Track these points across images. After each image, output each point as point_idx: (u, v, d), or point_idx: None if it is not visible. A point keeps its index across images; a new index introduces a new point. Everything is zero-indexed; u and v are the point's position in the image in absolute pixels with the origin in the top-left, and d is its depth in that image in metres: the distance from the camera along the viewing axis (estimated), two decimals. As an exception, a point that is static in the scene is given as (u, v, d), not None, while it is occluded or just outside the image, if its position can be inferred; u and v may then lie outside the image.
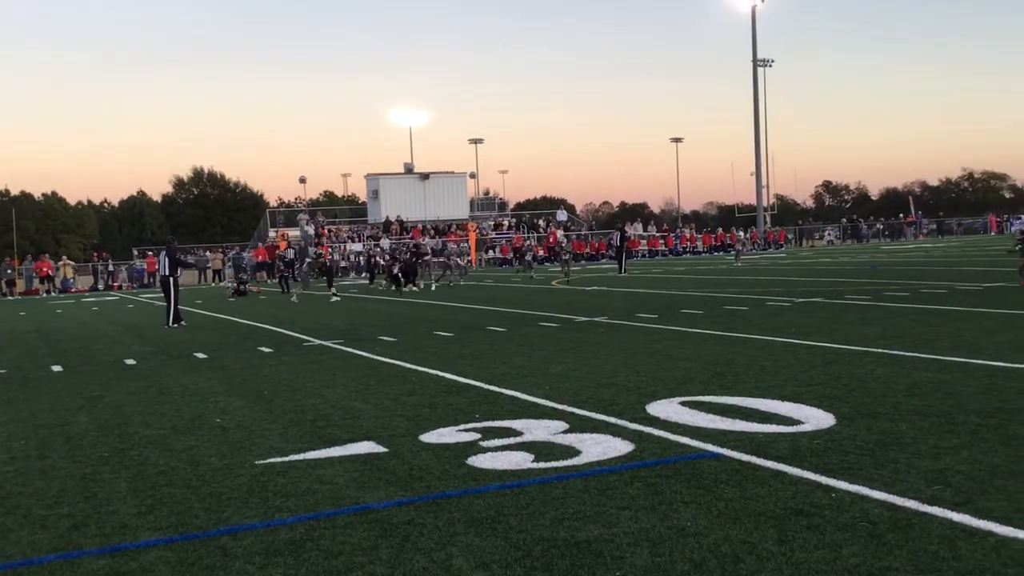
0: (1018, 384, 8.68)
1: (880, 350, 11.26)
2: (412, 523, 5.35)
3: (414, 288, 29.59)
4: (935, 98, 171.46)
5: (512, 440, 7.29)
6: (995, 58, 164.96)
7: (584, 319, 17.29)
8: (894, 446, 6.54)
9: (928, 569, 4.25)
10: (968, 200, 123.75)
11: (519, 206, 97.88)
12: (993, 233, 72.48)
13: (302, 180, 67.91)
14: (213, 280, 49.18)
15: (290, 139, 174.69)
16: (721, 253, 58.13)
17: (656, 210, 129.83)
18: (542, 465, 6.47)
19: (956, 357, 10.37)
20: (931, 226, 75.67)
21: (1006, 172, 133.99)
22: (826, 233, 74.18)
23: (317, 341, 15.77)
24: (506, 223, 63.42)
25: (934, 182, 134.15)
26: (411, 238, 44.33)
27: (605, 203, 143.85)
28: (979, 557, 4.35)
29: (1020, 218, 66.06)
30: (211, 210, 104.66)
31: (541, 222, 63.50)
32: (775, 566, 4.39)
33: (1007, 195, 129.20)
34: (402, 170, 62.88)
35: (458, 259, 35.75)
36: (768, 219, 71.49)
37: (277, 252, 44.41)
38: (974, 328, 13.24)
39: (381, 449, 7.26)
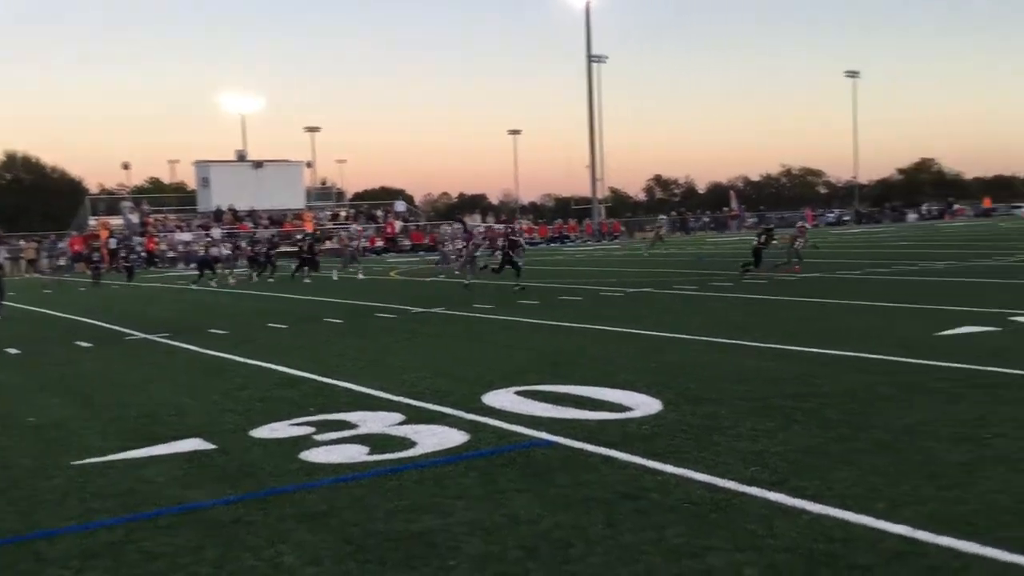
0: (831, 369, 9.23)
1: (705, 338, 11.75)
2: (240, 521, 5.19)
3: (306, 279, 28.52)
4: (758, 97, 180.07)
5: (347, 433, 7.18)
6: (813, 61, 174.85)
7: (421, 310, 17.25)
8: (716, 430, 6.83)
9: (746, 547, 4.45)
10: (787, 195, 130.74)
11: (358, 196, 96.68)
12: (809, 226, 76.82)
13: (125, 166, 64.98)
14: (27, 271, 46.25)
15: (112, 123, 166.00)
16: (558, 244, 59.19)
17: (495, 201, 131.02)
18: (377, 457, 6.40)
19: (775, 344, 10.94)
20: (753, 219, 79.50)
21: (822, 169, 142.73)
22: (657, 224, 76.76)
23: (141, 335, 15.08)
24: (344, 213, 62.50)
25: (756, 177, 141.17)
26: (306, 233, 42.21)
27: (444, 194, 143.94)
28: (794, 534, 4.60)
29: (834, 211, 70.22)
30: (26, 197, 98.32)
31: (380, 212, 62.96)
32: (604, 549, 4.50)
33: (822, 190, 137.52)
34: (234, 157, 60.90)
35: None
36: (603, 211, 73.33)
37: (94, 243, 42.12)
38: (791, 317, 14.01)
39: (209, 446, 7.01)
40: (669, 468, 5.85)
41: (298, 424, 7.60)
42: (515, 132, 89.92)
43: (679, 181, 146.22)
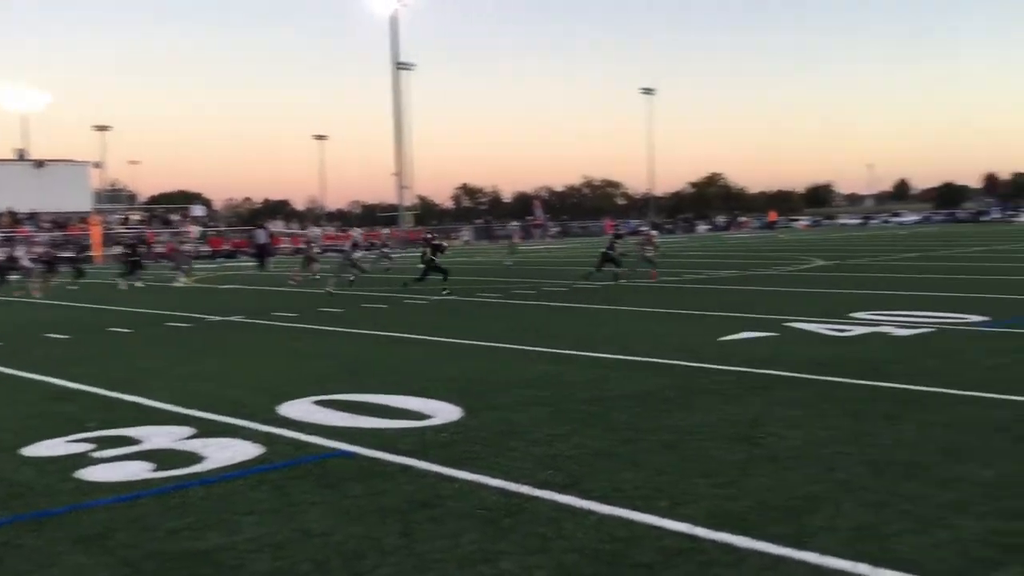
0: (619, 374, 9.60)
1: (506, 344, 11.94)
2: (8, 544, 4.82)
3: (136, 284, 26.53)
4: (561, 110, 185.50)
5: (130, 449, 6.81)
6: (613, 77, 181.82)
7: (218, 318, 16.63)
8: (513, 435, 6.94)
9: (537, 550, 4.54)
10: (588, 205, 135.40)
11: (153, 199, 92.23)
12: (609, 235, 79.82)
13: None
14: None
15: None
16: (364, 252, 58.56)
17: (300, 207, 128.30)
18: (162, 475, 6.10)
19: (570, 350, 11.25)
20: (556, 228, 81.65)
21: (620, 181, 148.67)
22: (462, 233, 77.47)
23: (-100, 347, 13.75)
24: (136, 217, 59.43)
25: (559, 188, 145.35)
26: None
27: (247, 199, 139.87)
28: (580, 535, 4.73)
29: (629, 223, 73.08)
30: None
31: (176, 217, 60.29)
32: (397, 559, 4.48)
33: (621, 201, 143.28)
34: (12, 156, 56.71)
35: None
36: (411, 219, 73.26)
37: None
38: (586, 323, 14.48)
39: (-27, 467, 6.47)
40: (465, 475, 5.89)
41: (76, 441, 7.13)
42: (321, 137, 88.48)
43: (485, 190, 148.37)
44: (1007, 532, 4.59)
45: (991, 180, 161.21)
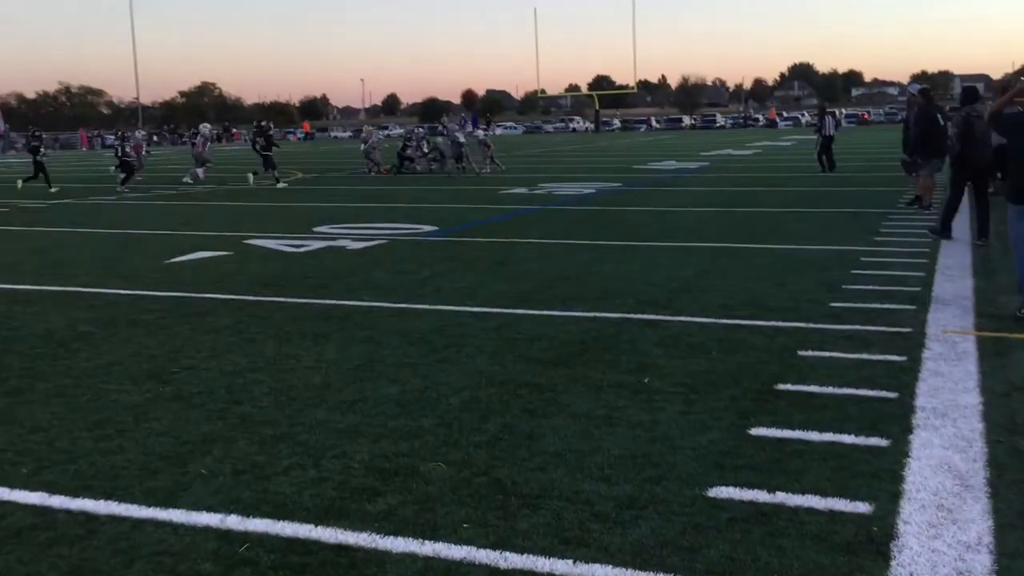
0: (29, 310, 8.37)
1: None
2: None
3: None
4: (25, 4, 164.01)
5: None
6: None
7: None
8: None
9: None
10: (67, 115, 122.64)
11: None
12: (85, 149, 73.05)
13: None
14: None
15: None
16: None
17: None
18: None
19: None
20: (21, 141, 72.70)
21: (103, 88, 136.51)
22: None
23: None
24: None
25: (31, 95, 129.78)
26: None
27: None
28: None
29: (108, 137, 67.35)
30: None
31: None
32: None
33: (105, 111, 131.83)
34: None
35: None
36: None
37: None
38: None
39: None
40: None
41: None
42: None
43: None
44: (392, 455, 4.49)
45: (468, 95, 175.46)
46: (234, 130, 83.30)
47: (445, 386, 5.65)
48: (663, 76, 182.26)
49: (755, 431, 4.72)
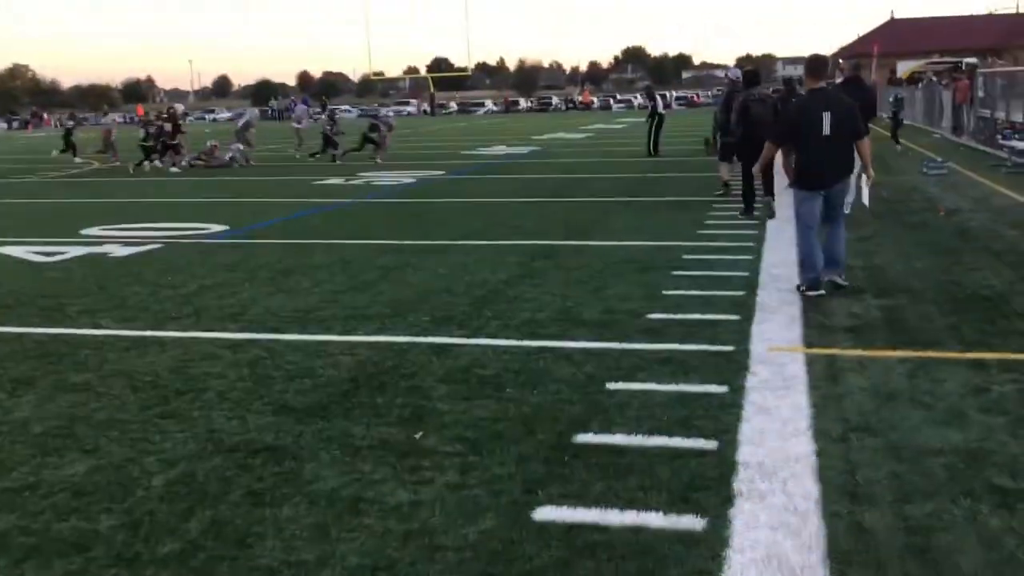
0: None
1: None
2: None
3: None
4: None
5: None
6: None
7: None
8: None
9: None
10: None
11: None
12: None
13: None
14: None
15: None
16: None
17: None
18: None
19: None
20: None
21: None
22: None
23: None
24: None
25: None
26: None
27: None
28: None
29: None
30: None
31: None
32: None
33: None
34: None
35: None
36: None
37: None
38: None
39: None
40: None
41: None
42: None
43: None
44: (34, 587, 3.20)
45: (304, 77, 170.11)
46: (44, 115, 77.37)
47: (154, 458, 4.35)
48: (501, 59, 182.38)
49: (540, 513, 3.66)
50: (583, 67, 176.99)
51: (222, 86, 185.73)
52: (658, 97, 22.60)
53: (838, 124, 7.26)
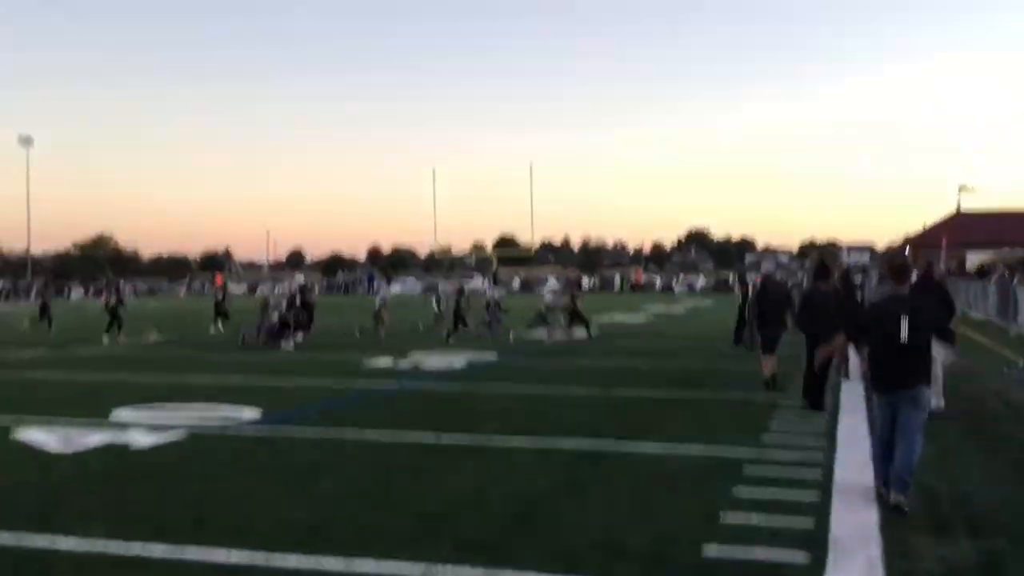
0: None
1: None
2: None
3: None
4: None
5: None
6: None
7: None
8: None
9: None
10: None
11: None
12: None
13: None
14: None
15: None
16: None
17: None
18: None
19: None
20: None
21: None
22: None
23: None
24: None
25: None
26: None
27: None
28: None
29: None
30: None
31: None
32: None
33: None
34: None
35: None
36: None
37: None
38: None
39: None
40: None
41: None
42: None
43: None
44: None
45: (374, 252, 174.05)
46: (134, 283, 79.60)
47: None
48: (567, 237, 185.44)
49: None
50: (647, 247, 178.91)
51: (296, 259, 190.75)
52: (751, 282, 21.44)
53: (915, 329, 6.96)
